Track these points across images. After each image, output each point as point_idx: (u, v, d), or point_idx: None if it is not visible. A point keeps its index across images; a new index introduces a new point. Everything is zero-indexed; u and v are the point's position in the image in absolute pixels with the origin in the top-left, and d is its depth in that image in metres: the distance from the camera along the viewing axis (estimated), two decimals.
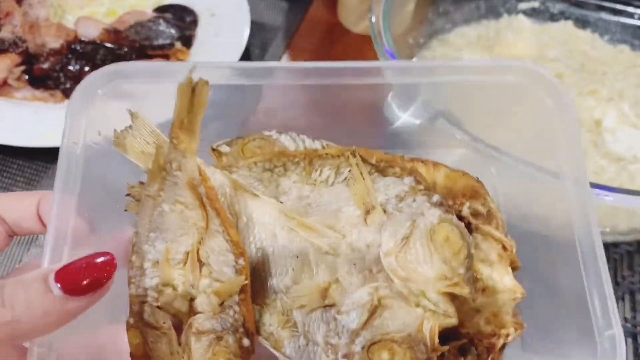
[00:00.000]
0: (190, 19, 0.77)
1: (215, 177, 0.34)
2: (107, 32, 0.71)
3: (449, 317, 0.31)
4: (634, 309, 0.56)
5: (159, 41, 0.72)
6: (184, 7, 0.77)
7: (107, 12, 0.76)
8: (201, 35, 0.75)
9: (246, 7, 0.75)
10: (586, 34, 0.73)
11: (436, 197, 0.33)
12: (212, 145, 0.37)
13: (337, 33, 0.82)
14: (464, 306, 0.32)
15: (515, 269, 0.34)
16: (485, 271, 0.33)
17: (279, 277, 0.33)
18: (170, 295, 0.32)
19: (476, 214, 0.35)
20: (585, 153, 0.59)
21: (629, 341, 0.54)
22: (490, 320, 0.32)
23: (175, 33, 0.73)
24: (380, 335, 0.30)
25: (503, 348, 0.32)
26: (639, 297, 0.57)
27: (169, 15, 0.75)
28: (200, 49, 0.74)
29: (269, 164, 0.36)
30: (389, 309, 0.31)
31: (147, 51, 0.71)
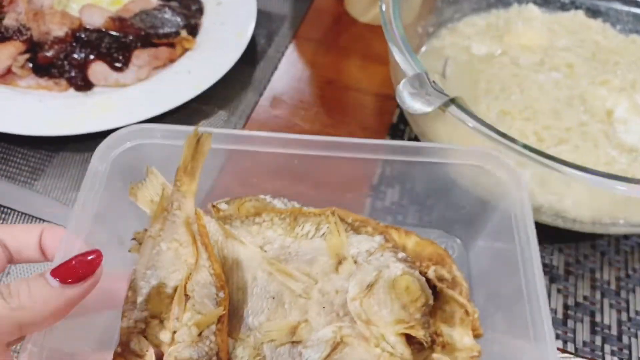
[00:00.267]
0: (196, 7, 0.75)
1: (210, 225, 0.39)
2: (112, 20, 0.70)
3: (404, 358, 0.33)
4: None
5: (164, 29, 0.71)
6: None
7: (112, 0, 0.75)
8: (207, 23, 0.74)
9: None
10: (597, 24, 0.71)
11: (402, 254, 0.37)
12: (212, 202, 0.42)
13: (344, 23, 0.81)
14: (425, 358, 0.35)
15: (477, 336, 0.37)
16: (447, 330, 0.36)
17: (255, 315, 0.36)
18: (156, 326, 0.36)
19: (441, 279, 0.38)
20: (596, 144, 0.58)
21: None
22: None
23: (180, 21, 0.72)
24: None
25: None
26: None
27: (174, 3, 0.74)
28: (206, 37, 0.73)
29: (258, 218, 0.40)
30: (350, 346, 0.33)
31: (152, 39, 0.70)
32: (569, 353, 0.53)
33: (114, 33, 0.69)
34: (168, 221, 0.38)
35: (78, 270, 0.31)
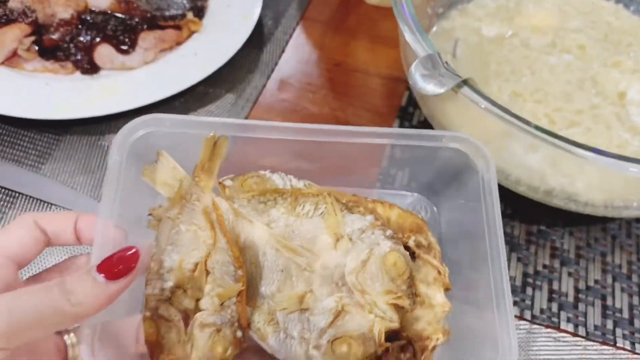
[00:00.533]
0: None
1: (222, 205, 0.44)
2: (118, 3, 0.69)
3: (393, 322, 0.41)
4: None
5: (170, 12, 0.70)
6: None
7: None
8: (213, 5, 0.74)
9: None
10: (610, 5, 0.70)
11: (389, 232, 0.44)
12: (219, 180, 0.46)
13: (352, 4, 0.81)
14: (406, 315, 0.42)
15: (447, 289, 0.44)
16: (423, 289, 0.43)
17: (267, 286, 0.42)
18: (181, 296, 0.41)
19: (419, 245, 0.45)
20: (608, 126, 0.58)
21: None
22: (425, 328, 0.42)
23: (186, 3, 0.72)
24: (342, 333, 0.40)
25: (434, 349, 0.42)
26: None
27: None
28: (212, 19, 0.73)
29: (263, 197, 0.45)
30: (349, 313, 0.40)
31: (158, 22, 0.70)
32: (580, 337, 0.54)
33: (119, 15, 0.69)
34: (186, 208, 0.43)
35: (120, 266, 0.35)
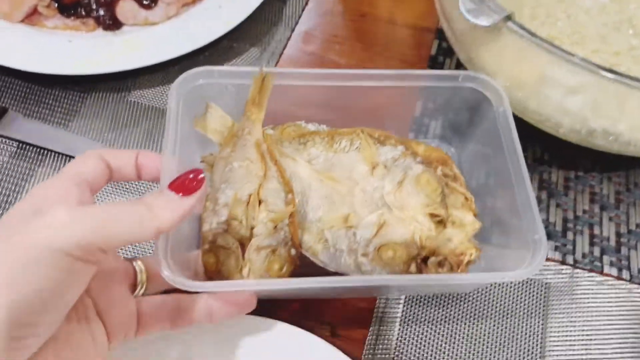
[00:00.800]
0: None
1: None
2: None
3: (430, 231, 0.45)
4: None
5: None
6: None
7: None
8: None
9: None
10: None
11: (419, 158, 0.49)
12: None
13: None
14: (440, 236, 0.45)
15: (474, 215, 0.48)
16: (454, 212, 0.47)
17: (314, 211, 0.46)
18: (237, 226, 0.45)
19: (446, 175, 0.49)
20: None
21: None
22: (458, 246, 0.45)
23: None
24: (386, 241, 0.44)
25: (468, 263, 0.45)
26: None
27: None
28: None
29: (302, 139, 0.50)
30: (391, 226, 0.45)
31: None
32: (624, 280, 0.53)
33: None
34: (238, 144, 0.47)
35: (190, 183, 0.37)
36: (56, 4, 0.66)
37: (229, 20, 0.66)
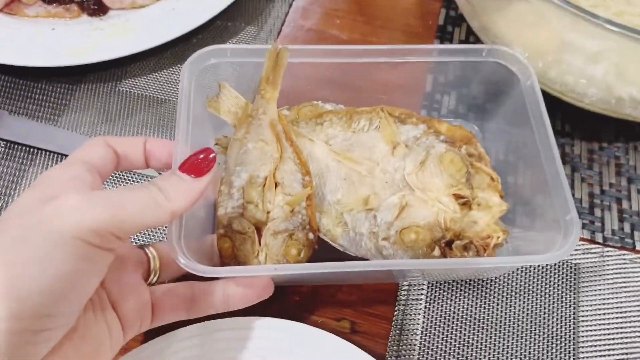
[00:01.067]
0: None
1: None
2: None
3: (455, 213, 0.43)
4: None
5: None
6: None
7: None
8: None
9: None
10: None
11: (443, 137, 0.46)
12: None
13: None
14: (465, 219, 0.43)
15: (500, 196, 0.46)
16: (480, 193, 0.45)
17: (332, 194, 0.45)
18: (253, 209, 0.43)
19: (470, 155, 0.47)
20: None
21: None
22: (484, 228, 0.43)
23: None
24: (408, 223, 0.42)
25: (495, 247, 0.43)
26: None
27: None
28: None
29: (319, 119, 0.48)
30: (413, 207, 0.43)
31: None
32: None
33: None
34: (253, 125, 0.46)
35: (201, 164, 0.36)
36: None
37: None
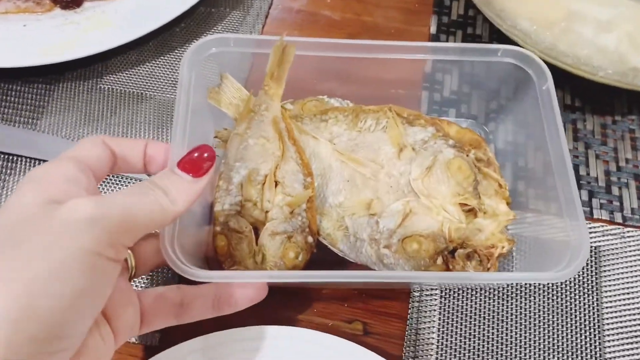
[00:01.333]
0: None
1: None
2: None
3: (461, 222, 0.42)
4: None
5: None
6: None
7: None
8: None
9: None
10: None
11: (451, 141, 0.45)
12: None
13: None
14: (470, 226, 0.42)
15: (507, 203, 0.44)
16: (486, 200, 0.43)
17: (334, 196, 0.43)
18: (251, 208, 0.42)
19: (479, 160, 0.45)
20: None
21: None
22: (489, 237, 0.42)
23: None
24: (411, 232, 0.41)
25: (499, 257, 0.42)
26: None
27: None
28: None
29: (324, 116, 0.46)
30: (417, 215, 0.41)
31: None
32: None
33: None
34: (255, 121, 0.44)
35: (200, 163, 0.35)
36: None
37: None
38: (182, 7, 0.58)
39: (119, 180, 0.51)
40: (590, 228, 0.50)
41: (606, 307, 0.47)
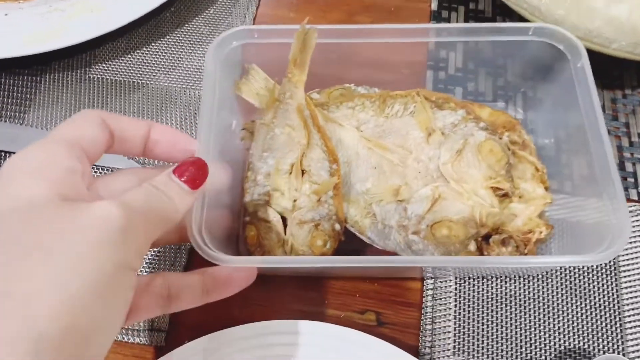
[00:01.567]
0: None
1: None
2: None
3: (493, 207, 0.40)
4: None
5: None
6: None
7: None
8: None
9: None
10: None
11: (483, 124, 0.43)
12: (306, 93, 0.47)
13: None
14: (505, 212, 0.41)
15: (545, 188, 0.43)
16: (522, 184, 0.42)
17: (361, 183, 0.43)
18: (279, 197, 0.42)
19: (514, 142, 0.44)
20: None
21: None
22: (526, 222, 0.41)
23: None
24: (441, 217, 0.40)
25: (537, 242, 0.41)
26: None
27: None
28: None
29: (351, 103, 0.45)
30: (447, 200, 0.40)
31: None
32: None
33: None
34: (280, 110, 0.44)
35: (199, 176, 0.33)
36: None
37: None
38: None
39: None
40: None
41: (625, 287, 0.45)
